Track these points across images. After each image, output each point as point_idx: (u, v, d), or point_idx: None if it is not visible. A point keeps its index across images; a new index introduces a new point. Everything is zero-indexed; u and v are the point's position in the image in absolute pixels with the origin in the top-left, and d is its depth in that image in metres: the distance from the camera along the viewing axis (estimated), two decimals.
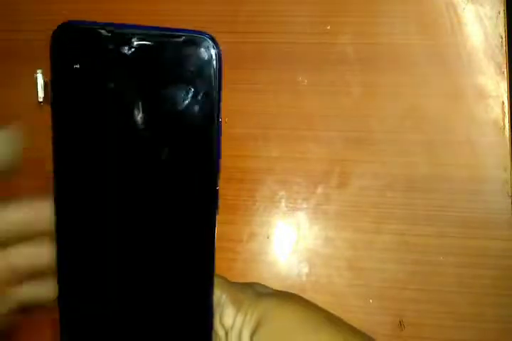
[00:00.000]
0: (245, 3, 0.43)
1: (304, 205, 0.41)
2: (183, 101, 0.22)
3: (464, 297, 0.39)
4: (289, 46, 0.42)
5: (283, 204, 0.41)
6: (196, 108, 0.22)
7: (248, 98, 0.42)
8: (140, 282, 0.24)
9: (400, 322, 0.39)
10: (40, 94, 0.41)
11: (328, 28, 0.42)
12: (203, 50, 0.22)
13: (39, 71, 0.40)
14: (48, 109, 0.23)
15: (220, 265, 0.41)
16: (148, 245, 0.24)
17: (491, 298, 0.39)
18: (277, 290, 0.28)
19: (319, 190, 0.41)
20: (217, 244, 0.38)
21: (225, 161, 0.41)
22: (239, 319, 0.25)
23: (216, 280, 0.25)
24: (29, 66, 0.41)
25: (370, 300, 0.40)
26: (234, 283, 0.27)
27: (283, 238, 0.41)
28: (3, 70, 0.45)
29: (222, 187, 0.41)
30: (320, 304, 0.40)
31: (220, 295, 0.26)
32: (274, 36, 0.42)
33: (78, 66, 0.22)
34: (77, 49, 0.22)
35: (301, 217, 0.41)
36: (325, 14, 0.42)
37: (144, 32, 0.21)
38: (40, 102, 0.41)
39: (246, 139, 0.42)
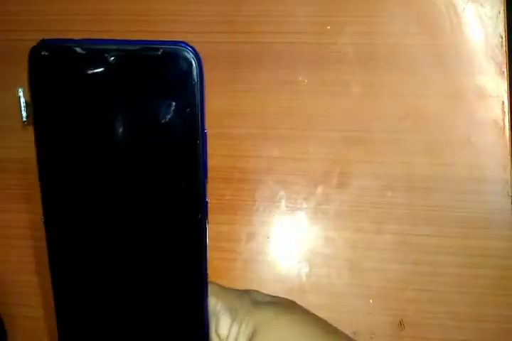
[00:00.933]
0: (245, 3, 0.43)
1: (304, 205, 0.41)
2: (166, 115, 0.22)
3: (464, 297, 0.39)
4: (289, 46, 0.42)
5: (283, 204, 0.41)
6: (179, 121, 0.22)
7: (248, 98, 0.42)
8: (132, 291, 0.24)
9: (400, 322, 0.39)
10: (23, 113, 0.41)
11: (328, 27, 0.42)
12: (182, 61, 0.21)
13: (21, 90, 0.40)
14: (31, 129, 0.23)
15: (220, 265, 0.41)
16: (139, 254, 0.24)
17: (491, 298, 0.39)
18: (275, 298, 0.28)
19: (319, 190, 0.41)
20: (217, 244, 0.38)
21: (225, 161, 0.42)
22: (234, 328, 0.25)
23: (211, 288, 0.25)
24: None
25: (370, 300, 0.40)
26: (230, 290, 0.27)
27: (283, 238, 0.41)
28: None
29: (222, 187, 0.42)
30: (320, 304, 0.40)
31: (215, 303, 0.25)
32: (274, 36, 0.42)
33: (56, 84, 0.22)
34: (54, 67, 0.21)
35: (301, 217, 0.41)
36: (325, 14, 0.42)
37: (120, 47, 0.21)
38: (24, 122, 0.41)
39: (246, 139, 0.42)
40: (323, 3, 0.42)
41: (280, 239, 0.41)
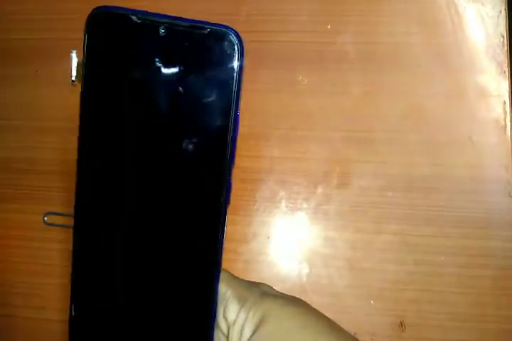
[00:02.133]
0: (245, 2, 0.42)
1: (304, 205, 0.41)
2: (204, 92, 0.23)
3: (464, 297, 0.39)
4: (289, 45, 0.42)
5: (283, 204, 0.41)
6: (216, 99, 0.23)
7: (248, 98, 0.42)
8: (150, 271, 0.25)
9: (401, 323, 0.39)
10: (73, 73, 0.42)
11: (329, 27, 0.42)
12: (226, 42, 0.23)
13: (73, 51, 0.40)
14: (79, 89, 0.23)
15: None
16: (159, 236, 0.24)
17: (491, 298, 0.39)
18: (283, 293, 0.28)
19: (319, 190, 0.41)
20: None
21: None
22: (242, 315, 0.25)
23: (223, 276, 0.26)
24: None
25: (371, 301, 0.40)
26: (241, 280, 0.27)
27: (283, 238, 0.41)
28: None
29: None
30: (320, 305, 0.40)
31: (225, 290, 0.26)
32: (275, 35, 0.42)
33: (109, 50, 0.23)
34: (109, 33, 0.23)
35: (301, 217, 0.41)
36: (325, 13, 0.42)
37: (172, 21, 0.23)
38: (73, 81, 0.41)
39: (247, 139, 0.42)
40: (324, 2, 0.42)
41: (280, 239, 0.41)
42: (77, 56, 0.40)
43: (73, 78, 0.42)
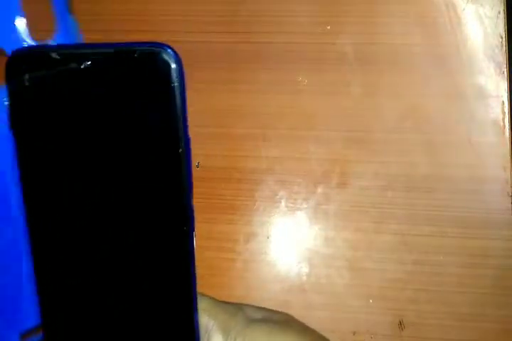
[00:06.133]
0: (245, 3, 0.43)
1: (304, 205, 0.41)
2: (145, 120, 0.21)
3: (464, 297, 0.39)
4: (289, 46, 0.42)
5: (283, 204, 0.41)
6: (160, 127, 0.21)
7: (248, 98, 0.42)
8: (119, 304, 0.23)
9: (400, 322, 0.39)
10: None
11: (328, 28, 0.42)
12: (159, 62, 0.21)
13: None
14: None
15: (220, 265, 0.41)
16: (124, 266, 0.23)
17: (491, 297, 0.39)
18: (270, 312, 0.27)
19: (319, 190, 0.41)
20: (217, 244, 0.38)
21: (225, 161, 0.42)
22: None
23: (203, 304, 0.24)
24: None
25: (370, 300, 0.40)
26: (223, 306, 0.26)
27: (283, 238, 0.41)
28: None
29: (221, 187, 0.42)
30: (320, 304, 0.40)
31: (207, 322, 0.25)
32: (274, 36, 0.42)
33: (33, 90, 0.22)
34: (31, 75, 0.21)
35: (301, 217, 0.41)
36: (325, 14, 0.42)
37: (94, 51, 0.21)
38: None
39: (246, 139, 0.42)
40: (323, 3, 0.42)
41: (280, 239, 0.41)
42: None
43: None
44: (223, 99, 0.42)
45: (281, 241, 0.41)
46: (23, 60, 0.21)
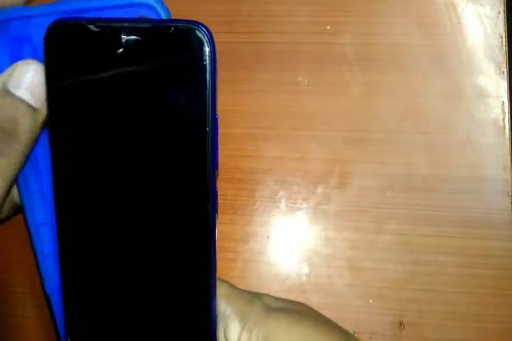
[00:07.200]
0: (245, 3, 0.43)
1: (304, 205, 0.41)
2: (175, 96, 0.21)
3: (465, 297, 0.39)
4: (289, 46, 0.42)
5: (283, 204, 0.41)
6: (189, 104, 0.21)
7: (248, 98, 0.42)
8: (138, 289, 0.23)
9: (400, 322, 0.39)
10: None
11: (328, 27, 0.42)
12: (193, 40, 0.21)
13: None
14: None
15: (220, 265, 0.41)
16: (145, 253, 0.23)
17: (491, 298, 0.39)
18: (287, 302, 0.27)
19: (319, 190, 0.41)
20: (217, 243, 0.38)
21: (225, 161, 0.42)
22: (244, 336, 0.24)
23: (221, 290, 0.24)
24: None
25: (370, 300, 0.40)
26: (241, 292, 0.26)
27: (283, 238, 0.41)
28: None
29: (222, 187, 0.42)
30: (320, 304, 0.40)
31: (224, 307, 0.24)
32: (274, 36, 0.42)
33: (70, 62, 0.22)
34: (69, 47, 0.22)
35: (301, 217, 0.41)
36: (325, 14, 0.42)
37: (132, 25, 0.21)
38: None
39: (246, 139, 0.42)
40: (323, 3, 0.42)
41: (280, 239, 0.41)
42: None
43: None
44: (223, 99, 0.42)
45: (281, 241, 0.41)
46: (61, 32, 0.21)
